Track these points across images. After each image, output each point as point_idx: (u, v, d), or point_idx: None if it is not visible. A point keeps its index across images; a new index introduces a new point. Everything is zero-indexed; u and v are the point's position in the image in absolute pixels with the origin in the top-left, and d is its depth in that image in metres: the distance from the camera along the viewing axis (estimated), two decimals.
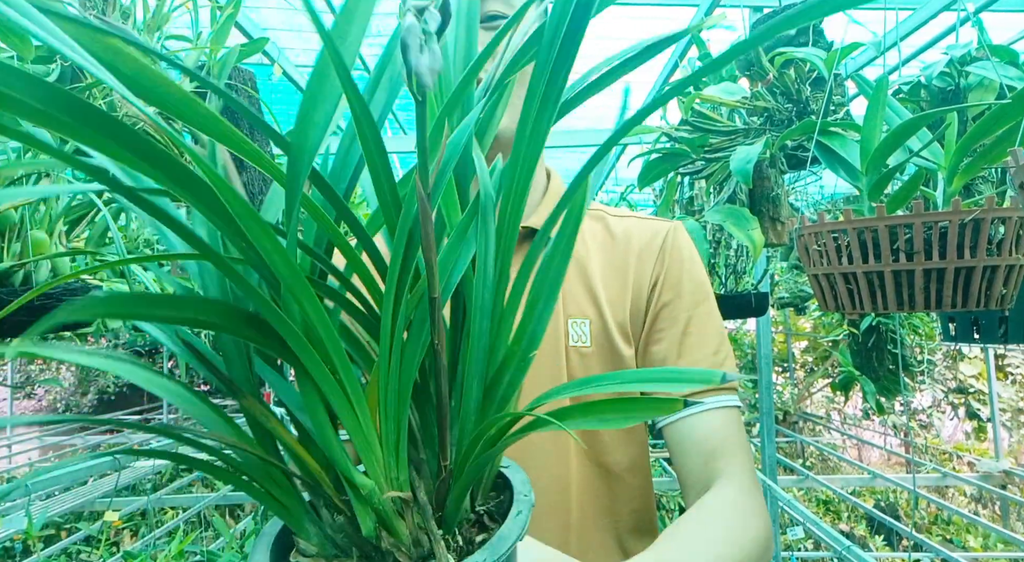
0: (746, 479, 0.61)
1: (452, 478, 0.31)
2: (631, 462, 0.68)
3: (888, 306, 0.79)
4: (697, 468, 0.63)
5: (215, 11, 1.12)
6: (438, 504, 0.31)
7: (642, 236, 0.72)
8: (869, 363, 2.82)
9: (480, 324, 0.31)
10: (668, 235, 0.72)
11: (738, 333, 6.41)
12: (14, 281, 0.86)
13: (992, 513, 5.09)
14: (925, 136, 0.89)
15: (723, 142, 1.24)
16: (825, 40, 1.25)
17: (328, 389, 0.28)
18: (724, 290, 1.77)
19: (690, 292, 0.69)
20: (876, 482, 3.76)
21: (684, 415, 0.64)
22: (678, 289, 0.69)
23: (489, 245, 0.31)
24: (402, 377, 0.30)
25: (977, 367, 5.54)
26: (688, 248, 0.72)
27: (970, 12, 1.12)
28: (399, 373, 0.30)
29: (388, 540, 0.30)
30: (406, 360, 0.30)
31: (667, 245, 0.71)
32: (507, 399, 0.33)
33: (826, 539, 2.42)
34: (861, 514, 4.65)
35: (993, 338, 1.23)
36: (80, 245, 1.14)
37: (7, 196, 0.21)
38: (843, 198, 2.96)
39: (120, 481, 2.81)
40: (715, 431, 0.63)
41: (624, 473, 0.68)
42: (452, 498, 0.32)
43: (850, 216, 0.80)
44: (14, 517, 2.11)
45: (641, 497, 0.69)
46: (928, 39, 2.01)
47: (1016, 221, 0.75)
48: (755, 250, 1.15)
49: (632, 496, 0.69)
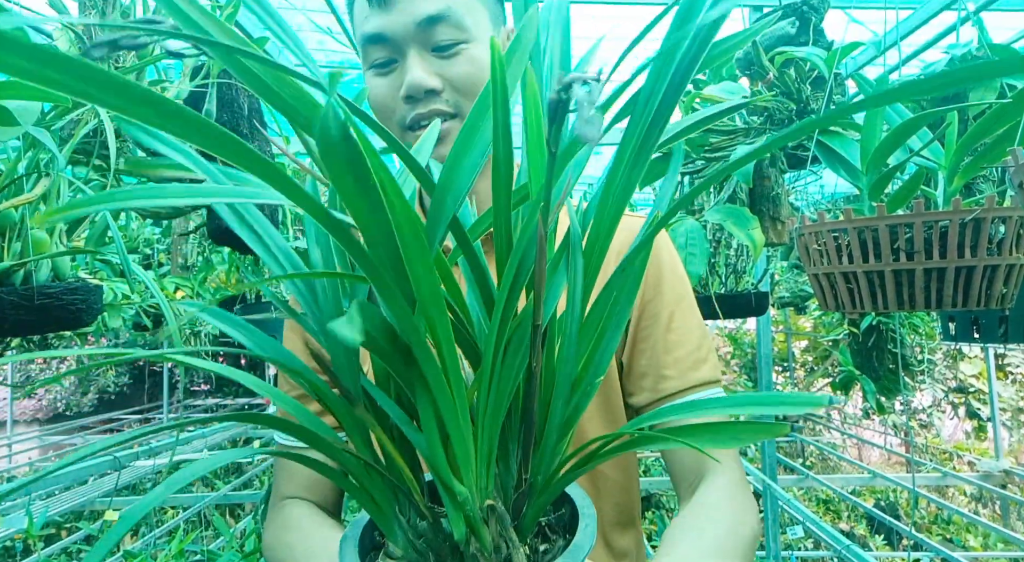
0: (736, 471, 0.63)
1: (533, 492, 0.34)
2: (615, 459, 0.69)
3: (888, 305, 0.79)
4: (688, 462, 0.64)
5: (215, 11, 1.12)
6: (514, 514, 0.34)
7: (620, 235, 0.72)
8: (869, 362, 2.82)
9: (567, 351, 0.33)
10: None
11: (738, 332, 6.42)
12: (14, 280, 0.86)
13: (992, 513, 5.09)
14: (925, 135, 0.89)
15: (723, 141, 1.24)
16: (825, 39, 1.25)
17: (443, 402, 0.30)
18: (724, 290, 1.77)
19: (670, 289, 0.70)
20: (876, 481, 3.76)
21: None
22: (659, 287, 0.69)
23: (577, 279, 0.33)
24: (499, 395, 0.32)
25: (977, 366, 5.54)
26: (667, 247, 0.73)
27: (970, 11, 1.12)
28: (497, 392, 0.32)
29: (475, 544, 0.33)
30: (504, 380, 0.32)
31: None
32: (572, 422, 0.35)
33: (826, 538, 2.42)
34: (861, 513, 4.65)
35: (993, 337, 1.23)
36: (80, 244, 1.14)
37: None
38: (843, 197, 2.96)
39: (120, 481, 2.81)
40: None
41: (607, 469, 0.69)
42: (531, 511, 0.34)
43: (850, 215, 0.80)
44: (14, 517, 2.11)
45: (623, 491, 0.71)
46: (928, 38, 2.01)
47: (1016, 220, 0.75)
48: (755, 250, 1.15)
49: (614, 491, 0.70)
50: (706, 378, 0.67)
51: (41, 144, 0.81)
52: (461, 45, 0.62)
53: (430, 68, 0.62)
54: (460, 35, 0.62)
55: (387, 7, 0.61)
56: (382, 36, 0.62)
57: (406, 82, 0.61)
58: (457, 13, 0.61)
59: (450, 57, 0.62)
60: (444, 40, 0.62)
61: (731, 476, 0.62)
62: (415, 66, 0.61)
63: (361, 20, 0.63)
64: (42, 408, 8.50)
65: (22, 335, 0.87)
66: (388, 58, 0.63)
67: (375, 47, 0.63)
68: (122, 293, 1.89)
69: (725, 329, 6.70)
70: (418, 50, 0.62)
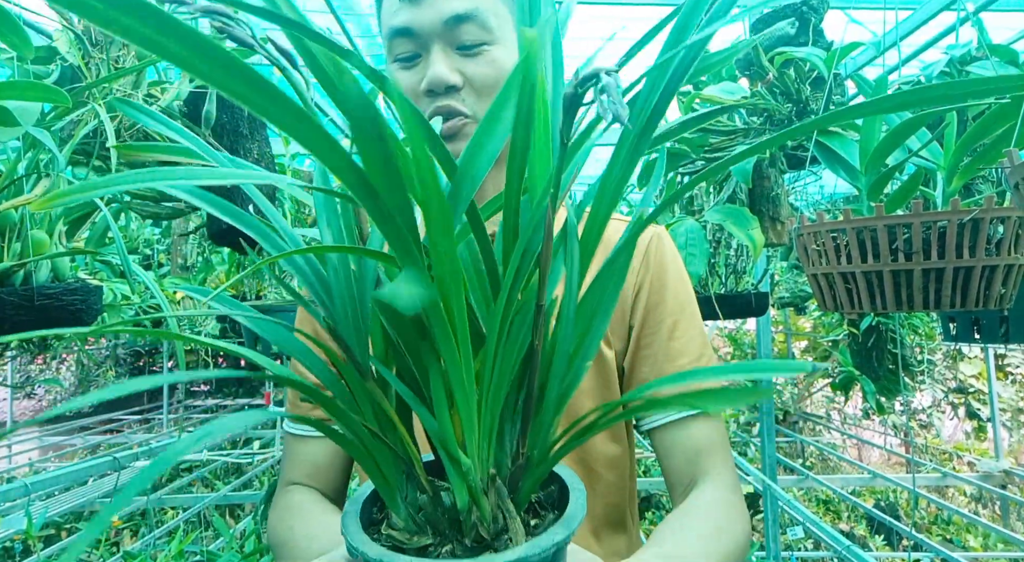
0: (729, 478, 0.64)
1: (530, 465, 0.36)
2: (609, 459, 0.70)
3: (887, 306, 0.80)
4: (681, 466, 0.65)
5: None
6: (510, 488, 0.36)
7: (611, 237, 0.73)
8: (869, 363, 2.82)
9: (565, 331, 0.36)
10: (652, 242, 0.73)
11: (738, 333, 6.42)
12: (14, 281, 0.86)
13: (992, 513, 5.09)
14: (924, 136, 0.89)
15: (723, 141, 1.24)
16: (825, 40, 1.26)
17: (454, 375, 0.32)
18: (724, 290, 1.77)
19: (674, 297, 0.71)
20: (876, 482, 3.76)
21: (671, 418, 0.66)
22: (662, 294, 0.70)
23: (574, 264, 0.35)
24: (502, 371, 0.34)
25: (977, 367, 5.54)
26: (671, 253, 0.74)
27: (970, 12, 1.12)
28: (500, 368, 0.34)
29: (475, 514, 0.34)
30: (507, 356, 0.34)
31: (650, 251, 0.72)
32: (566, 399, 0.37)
33: (826, 539, 2.42)
34: (861, 514, 4.65)
35: (994, 338, 1.23)
36: (80, 245, 1.14)
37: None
38: (843, 198, 2.96)
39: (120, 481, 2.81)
40: (699, 433, 0.66)
41: (602, 469, 0.70)
42: (527, 484, 0.36)
43: (849, 216, 0.80)
44: (14, 517, 2.11)
45: (617, 492, 0.71)
46: (928, 39, 2.01)
47: (1015, 221, 0.75)
48: (755, 250, 1.15)
49: (608, 491, 0.70)
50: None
51: (41, 144, 0.81)
52: (485, 46, 0.64)
53: (452, 65, 0.64)
54: (485, 36, 0.64)
55: (417, 2, 0.63)
56: (409, 30, 0.63)
57: (428, 76, 0.63)
58: (484, 14, 0.63)
59: (473, 56, 0.64)
60: (469, 39, 0.63)
61: (723, 482, 0.63)
62: (438, 61, 0.63)
63: (390, 14, 0.65)
64: (42, 408, 8.50)
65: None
66: (413, 53, 0.65)
67: (401, 41, 0.64)
68: (122, 294, 1.89)
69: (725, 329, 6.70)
70: (442, 47, 0.63)
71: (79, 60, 0.97)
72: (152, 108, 1.02)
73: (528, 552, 0.32)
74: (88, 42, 0.97)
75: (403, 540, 0.36)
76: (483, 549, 0.34)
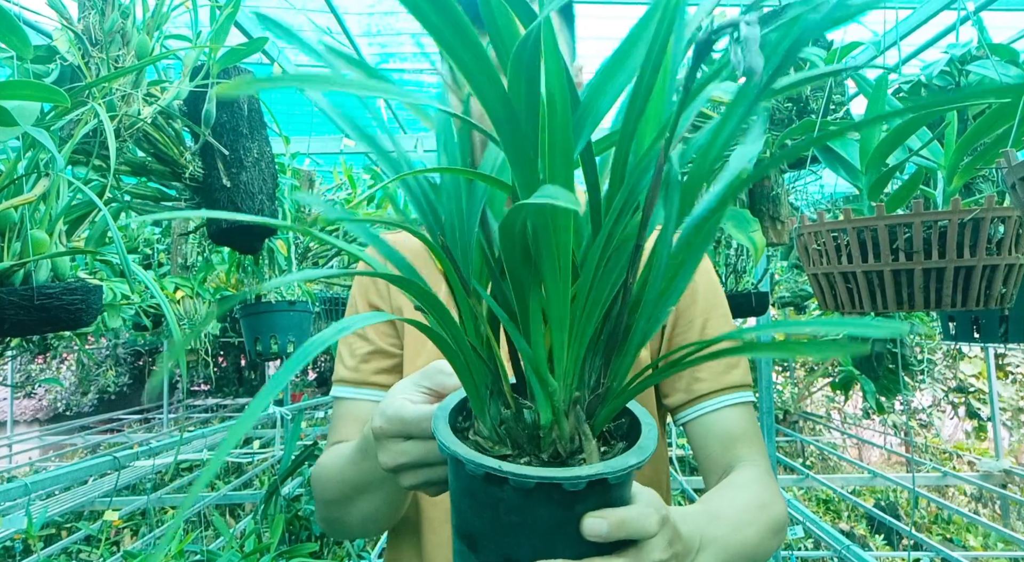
0: (764, 463, 0.67)
1: (609, 395, 0.38)
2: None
3: (888, 305, 0.79)
4: (717, 454, 0.68)
5: (214, 10, 1.12)
6: (588, 413, 0.38)
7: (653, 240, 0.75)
8: (869, 362, 2.82)
9: (657, 272, 0.36)
10: None
11: None
12: (14, 280, 0.86)
13: (992, 512, 5.09)
14: (925, 135, 0.89)
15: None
16: (825, 39, 1.25)
17: (553, 300, 0.34)
18: (724, 290, 1.77)
19: (704, 297, 0.73)
20: (876, 481, 3.76)
21: (706, 410, 0.69)
22: (694, 296, 0.73)
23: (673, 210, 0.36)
24: (594, 304, 0.36)
25: (977, 366, 5.53)
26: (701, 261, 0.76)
27: (970, 11, 1.12)
28: (592, 300, 0.36)
29: (556, 432, 0.37)
30: (600, 289, 0.36)
31: None
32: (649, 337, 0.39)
33: (826, 538, 2.42)
34: (861, 513, 4.65)
35: (993, 337, 1.23)
36: (80, 245, 1.14)
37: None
38: (843, 197, 2.96)
39: (120, 480, 2.81)
40: (734, 424, 0.68)
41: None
42: (604, 412, 0.39)
43: (849, 215, 0.80)
44: (14, 516, 2.11)
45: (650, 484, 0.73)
46: (928, 38, 2.01)
47: (1016, 220, 0.75)
48: (756, 253, 1.15)
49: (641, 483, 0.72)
50: (737, 382, 0.70)
51: (40, 144, 0.81)
52: None
53: None
54: None
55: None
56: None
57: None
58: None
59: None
60: None
61: (759, 467, 0.66)
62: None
63: None
64: (42, 408, 8.49)
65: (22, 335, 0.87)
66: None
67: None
68: (122, 293, 1.89)
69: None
70: None
71: (79, 59, 0.97)
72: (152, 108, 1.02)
73: (605, 469, 0.35)
74: (88, 41, 0.97)
75: (487, 447, 0.39)
76: (558, 465, 0.37)
